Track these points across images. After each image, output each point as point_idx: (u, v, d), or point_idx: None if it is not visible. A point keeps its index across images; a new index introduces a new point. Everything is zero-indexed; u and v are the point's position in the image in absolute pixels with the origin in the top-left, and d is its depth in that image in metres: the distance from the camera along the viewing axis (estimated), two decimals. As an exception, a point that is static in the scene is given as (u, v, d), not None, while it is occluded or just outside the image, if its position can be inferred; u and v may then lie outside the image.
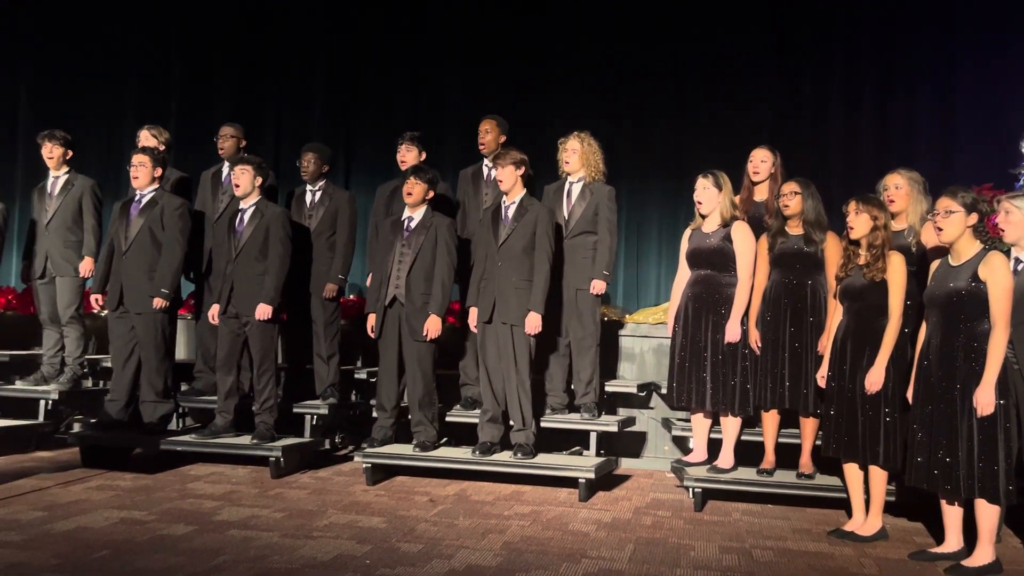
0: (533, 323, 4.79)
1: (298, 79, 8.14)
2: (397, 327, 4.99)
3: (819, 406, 4.37)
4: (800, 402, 4.52)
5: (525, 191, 4.98)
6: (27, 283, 6.08)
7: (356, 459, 5.05)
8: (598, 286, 5.14)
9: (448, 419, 5.30)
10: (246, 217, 5.14)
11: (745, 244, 4.62)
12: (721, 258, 4.64)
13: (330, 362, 5.61)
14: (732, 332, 4.58)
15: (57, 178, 5.82)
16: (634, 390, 5.60)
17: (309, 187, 5.71)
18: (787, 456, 4.69)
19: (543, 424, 5.10)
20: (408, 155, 5.53)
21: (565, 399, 5.31)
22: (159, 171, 5.31)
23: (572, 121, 5.60)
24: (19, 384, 5.87)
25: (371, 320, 5.06)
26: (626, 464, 5.70)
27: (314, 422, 5.53)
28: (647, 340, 5.96)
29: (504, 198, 4.96)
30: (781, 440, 4.72)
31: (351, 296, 6.76)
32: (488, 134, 5.51)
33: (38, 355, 6.02)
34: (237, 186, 5.14)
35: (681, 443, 5.50)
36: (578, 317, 5.17)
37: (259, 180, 5.17)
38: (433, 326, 4.90)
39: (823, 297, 4.53)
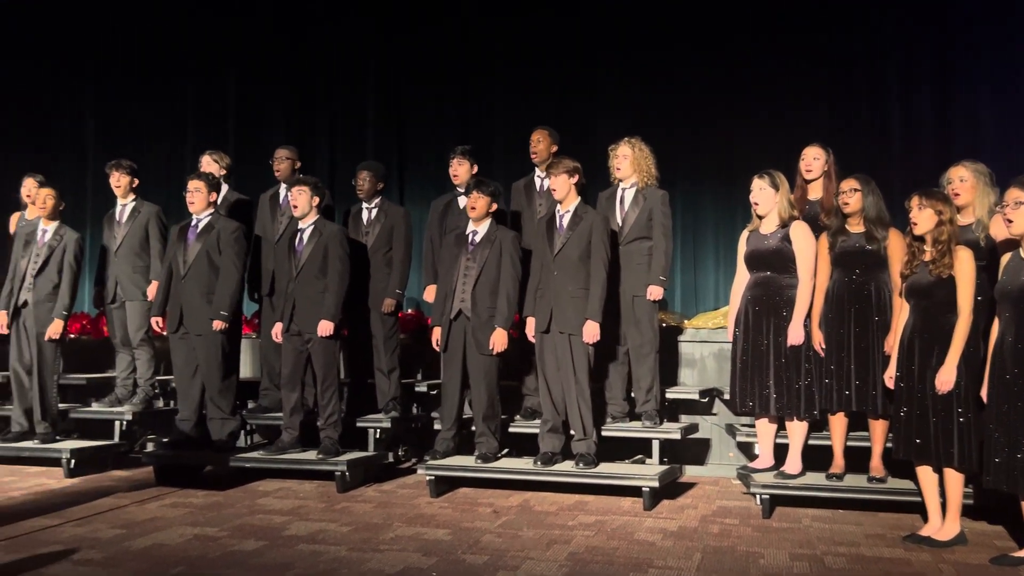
0: (591, 332, 4.77)
1: (349, 99, 8.28)
2: (462, 340, 5.02)
3: (888, 408, 4.26)
4: (868, 404, 4.41)
5: (579, 199, 4.97)
6: (100, 308, 6.30)
7: (419, 471, 5.09)
8: (655, 292, 5.10)
9: (509, 430, 5.31)
10: (305, 236, 5.24)
11: (805, 244, 4.54)
12: (781, 259, 4.56)
13: (391, 376, 5.68)
14: (795, 334, 4.50)
15: (125, 206, 6.02)
16: (696, 396, 5.54)
17: (365, 205, 5.80)
18: (857, 460, 4.58)
19: (604, 433, 5.08)
20: (460, 169, 5.58)
21: (625, 407, 5.28)
22: (214, 196, 5.45)
23: (622, 127, 5.57)
24: (95, 406, 6.09)
25: (436, 333, 5.10)
26: (690, 472, 5.63)
27: (377, 436, 5.60)
28: (707, 345, 5.89)
29: (558, 207, 4.97)
30: (850, 443, 4.61)
31: (409, 310, 6.84)
32: (540, 144, 5.52)
33: (112, 378, 6.23)
34: (295, 207, 5.25)
35: (746, 449, 5.41)
36: (636, 324, 5.14)
37: (316, 200, 5.27)
38: (500, 339, 4.92)
39: (887, 295, 4.42)
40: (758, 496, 4.52)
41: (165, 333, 5.53)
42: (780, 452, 4.70)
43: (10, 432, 5.69)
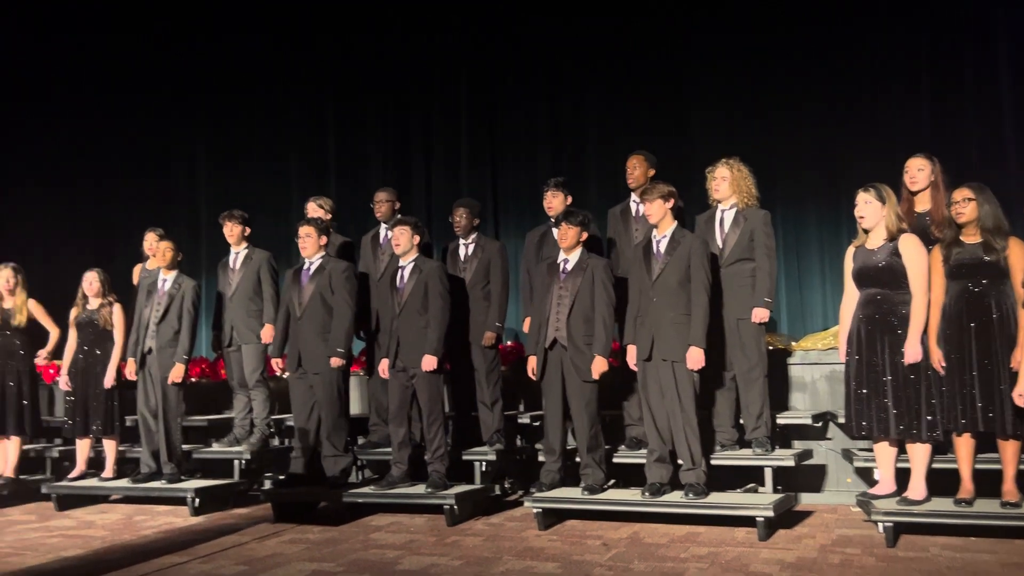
0: (695, 358, 4.69)
1: (443, 138, 8.46)
2: (559, 369, 5.03)
3: (1020, 427, 4.00)
4: (997, 424, 4.15)
5: (676, 223, 4.92)
6: (217, 352, 6.61)
7: (526, 504, 5.09)
8: (760, 314, 4.97)
9: (614, 460, 5.26)
10: (406, 274, 5.38)
11: (916, 257, 4.35)
12: (891, 275, 4.38)
13: (494, 408, 5.72)
14: (912, 352, 4.29)
15: (238, 253, 6.32)
16: (808, 421, 5.34)
17: (462, 240, 5.90)
18: (987, 483, 4.31)
19: (713, 462, 4.96)
20: (554, 201, 5.62)
21: (735, 435, 5.15)
22: (324, 239, 5.67)
23: (719, 147, 5.49)
24: (216, 446, 6.37)
25: (532, 363, 5.13)
26: (806, 500, 5.42)
27: (483, 469, 5.63)
28: (818, 367, 5.69)
29: (655, 232, 4.93)
30: (978, 466, 4.34)
31: (509, 342, 6.89)
32: (636, 169, 5.50)
33: (230, 418, 6.50)
34: (397, 245, 5.40)
35: (865, 475, 5.18)
36: (742, 348, 5.02)
37: (416, 238, 5.41)
38: (599, 367, 4.91)
39: (1010, 308, 4.17)
40: (880, 524, 4.31)
41: (285, 374, 5.76)
42: (901, 477, 4.47)
43: (140, 473, 6.01)
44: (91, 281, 6.28)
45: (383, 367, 5.41)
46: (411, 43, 8.51)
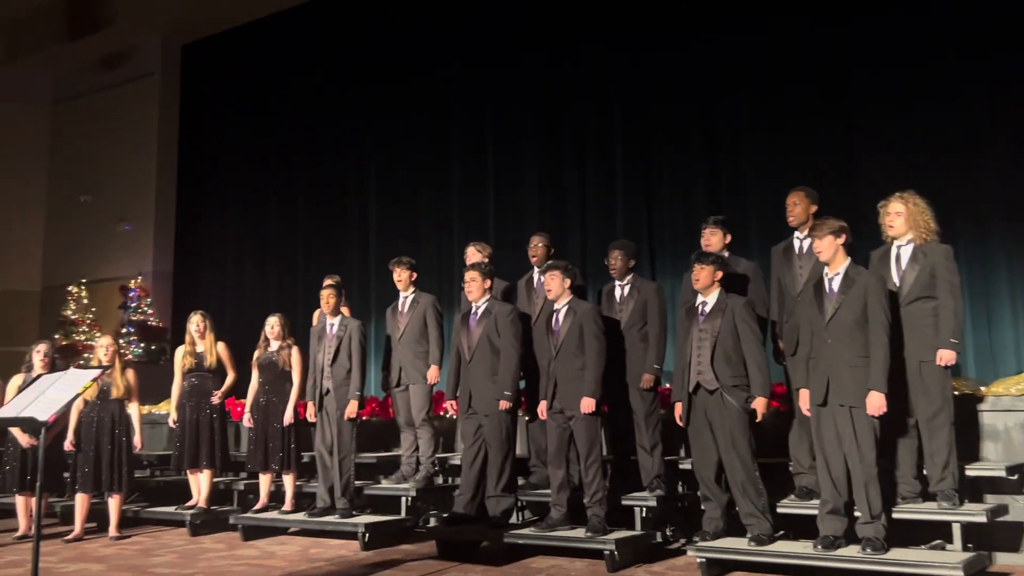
0: (876, 403, 4.41)
1: (597, 178, 8.52)
2: (704, 413, 4.90)
3: None
4: None
5: (849, 260, 4.68)
6: (386, 391, 6.90)
7: (689, 553, 4.93)
8: (946, 356, 4.63)
9: (780, 510, 5.00)
10: (561, 317, 5.42)
11: None
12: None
13: (654, 453, 5.61)
14: None
15: (406, 297, 6.59)
16: (1002, 473, 4.87)
17: (618, 282, 5.88)
18: None
19: (894, 515, 4.61)
20: (713, 239, 5.51)
21: (917, 486, 4.78)
22: (488, 283, 5.82)
23: (889, 180, 5.20)
24: (384, 483, 6.61)
25: (678, 409, 5.04)
26: (1001, 560, 4.92)
27: (643, 514, 5.52)
28: (1012, 414, 5.18)
29: (826, 270, 4.71)
30: None
31: (667, 385, 6.76)
32: (797, 206, 5.31)
33: (398, 456, 6.74)
34: (549, 290, 5.47)
35: (1073, 535, 4.65)
36: (925, 393, 4.68)
37: (567, 281, 5.46)
38: (762, 407, 4.77)
39: None
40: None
41: (455, 416, 5.92)
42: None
43: (316, 507, 6.33)
44: (273, 325, 6.74)
45: (541, 408, 5.46)
46: (565, 87, 8.68)
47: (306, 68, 10.49)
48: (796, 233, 5.34)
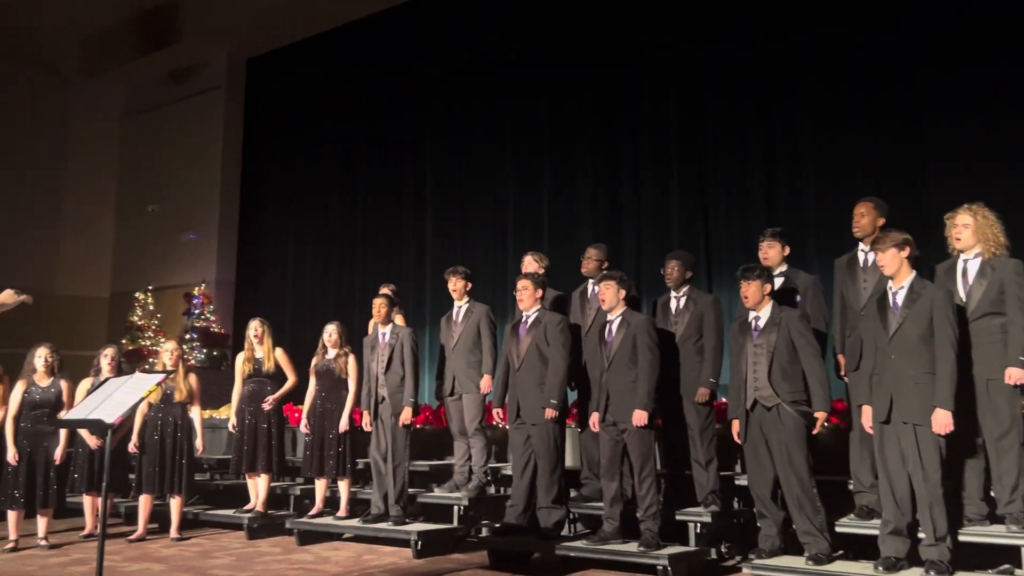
0: (942, 422, 4.27)
1: (653, 187, 8.45)
2: (760, 428, 4.81)
3: None
4: None
5: (914, 273, 4.56)
6: (440, 400, 6.94)
7: (745, 571, 4.84)
8: (1015, 375, 4.46)
9: (839, 529, 4.87)
10: (614, 328, 5.39)
11: None
12: None
13: (709, 468, 5.52)
14: None
15: (460, 307, 6.63)
16: (1077, 496, 4.67)
17: (673, 294, 5.82)
18: None
19: (960, 538, 4.46)
20: (771, 252, 5.42)
21: (984, 508, 4.61)
22: (540, 292, 5.83)
23: (957, 192, 5.05)
24: (437, 491, 6.64)
25: (735, 427, 4.96)
26: (1078, 588, 4.71)
27: (698, 530, 5.43)
28: (1086, 436, 4.97)
29: (890, 283, 4.59)
30: None
31: (723, 399, 6.66)
32: (864, 217, 5.17)
33: (451, 464, 6.77)
34: (603, 300, 5.44)
35: None
36: (993, 412, 4.52)
37: (622, 292, 5.42)
38: (820, 421, 4.69)
39: None
40: None
41: (504, 424, 5.93)
42: None
43: (370, 514, 6.39)
44: (330, 332, 6.84)
45: (593, 420, 5.42)
46: (620, 94, 8.65)
47: (363, 81, 10.68)
48: (860, 245, 5.21)
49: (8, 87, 11.92)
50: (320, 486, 6.82)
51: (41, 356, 6.61)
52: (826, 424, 4.79)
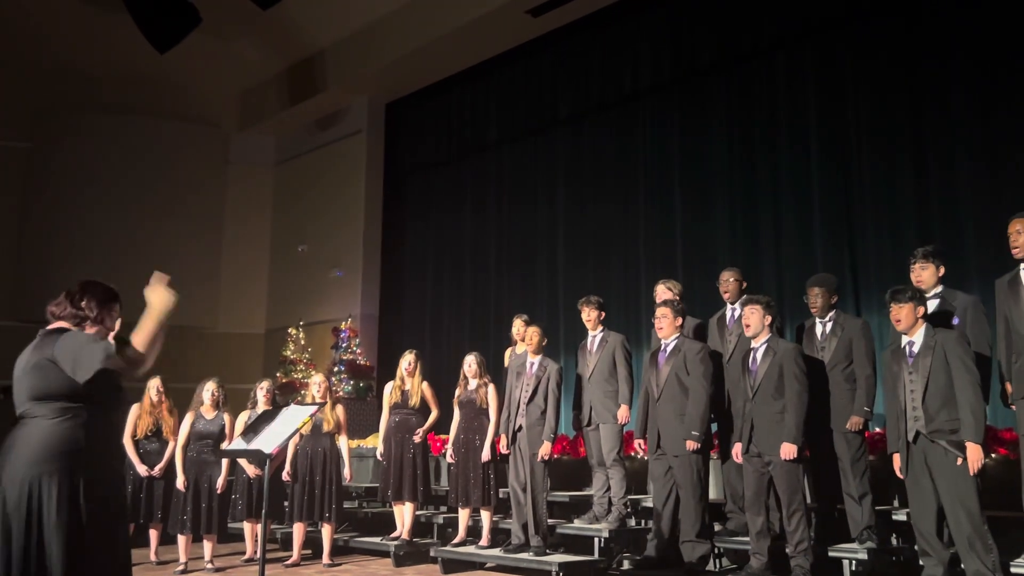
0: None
1: (793, 207, 8.12)
2: (923, 460, 4.53)
3: None
4: None
5: (1083, 294, 4.22)
6: (577, 430, 6.93)
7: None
8: None
9: (1014, 570, 4.51)
10: (758, 356, 5.23)
11: None
12: None
13: (862, 502, 5.24)
14: None
15: (595, 336, 6.63)
16: None
17: (819, 319, 5.60)
18: None
19: None
20: (924, 274, 5.12)
21: None
22: (679, 320, 5.76)
23: None
24: (577, 522, 6.61)
25: (896, 461, 4.70)
26: None
27: (853, 568, 5.16)
28: None
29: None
30: None
31: (877, 428, 6.30)
32: (1021, 235, 4.78)
33: (590, 495, 6.73)
34: (747, 326, 5.30)
35: None
36: None
37: (767, 318, 5.27)
38: (974, 456, 4.35)
39: None
40: None
41: (645, 456, 5.86)
42: None
43: (511, 544, 6.44)
44: (470, 363, 6.99)
45: (736, 451, 5.27)
46: (753, 106, 8.43)
47: (495, 117, 10.93)
48: (1022, 265, 4.85)
49: (177, 143, 12.99)
50: (463, 515, 6.94)
51: (209, 390, 7.11)
52: (992, 456, 4.45)
